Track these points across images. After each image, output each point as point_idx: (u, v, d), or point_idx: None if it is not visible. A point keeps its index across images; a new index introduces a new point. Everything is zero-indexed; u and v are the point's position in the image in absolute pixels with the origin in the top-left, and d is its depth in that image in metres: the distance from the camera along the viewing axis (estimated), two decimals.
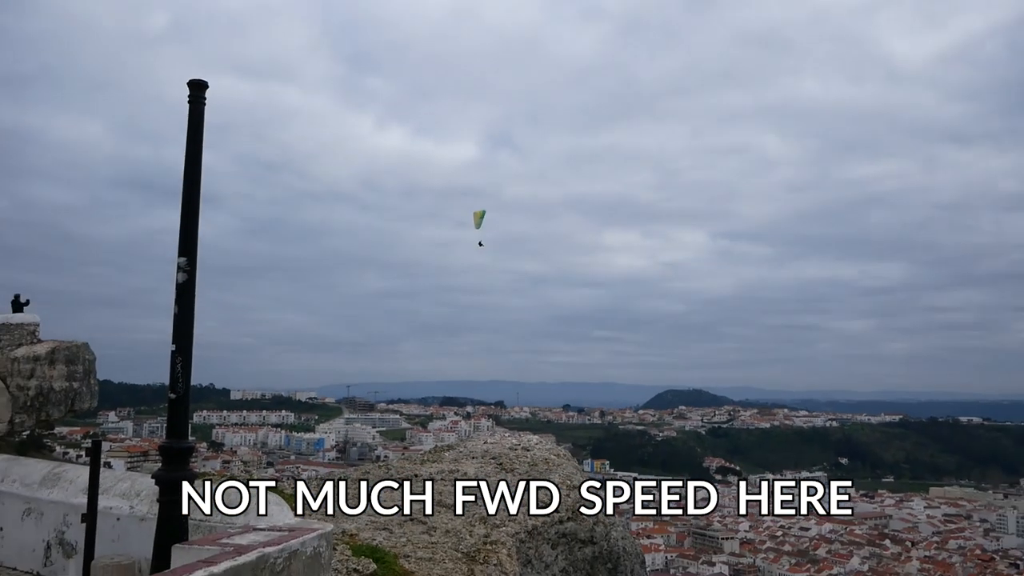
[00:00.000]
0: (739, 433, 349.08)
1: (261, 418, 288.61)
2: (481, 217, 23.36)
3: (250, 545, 4.40)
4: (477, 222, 23.37)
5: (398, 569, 7.19)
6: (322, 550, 4.75)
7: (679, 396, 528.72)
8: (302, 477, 15.71)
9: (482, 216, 23.39)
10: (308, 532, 4.85)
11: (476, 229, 23.61)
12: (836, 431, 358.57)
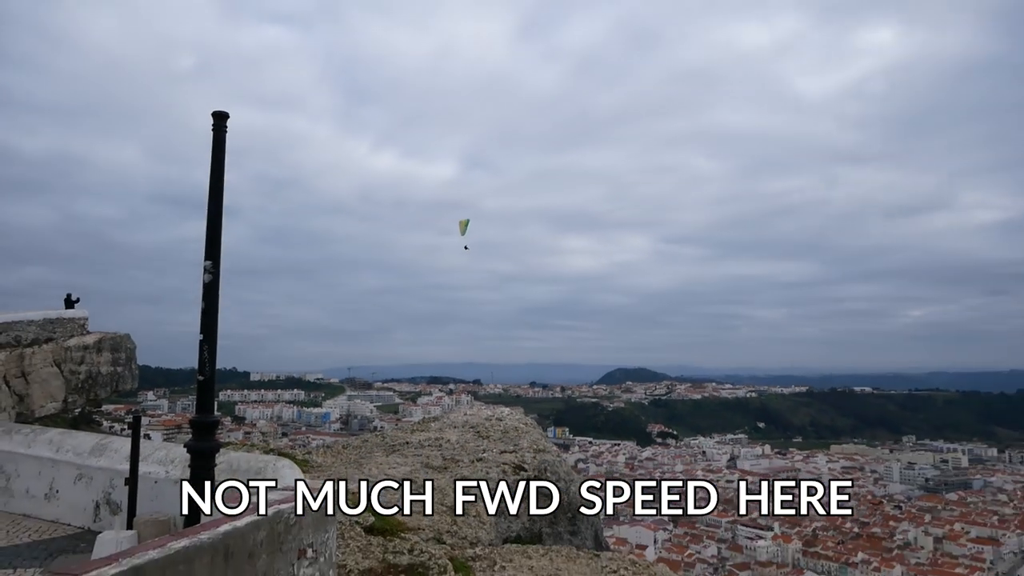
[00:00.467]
0: (676, 403, 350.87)
1: (276, 396, 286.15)
2: (466, 225, 23.13)
3: (268, 502, 4.36)
4: (462, 229, 23.12)
5: (393, 521, 7.17)
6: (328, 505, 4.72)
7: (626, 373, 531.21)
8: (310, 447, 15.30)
9: (466, 224, 23.16)
10: (316, 491, 4.81)
11: (461, 235, 23.34)
12: (755, 401, 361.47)
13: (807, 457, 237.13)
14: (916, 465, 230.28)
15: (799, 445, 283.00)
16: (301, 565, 4.33)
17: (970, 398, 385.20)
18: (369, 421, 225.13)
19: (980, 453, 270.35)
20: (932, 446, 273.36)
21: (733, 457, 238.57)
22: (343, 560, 6.06)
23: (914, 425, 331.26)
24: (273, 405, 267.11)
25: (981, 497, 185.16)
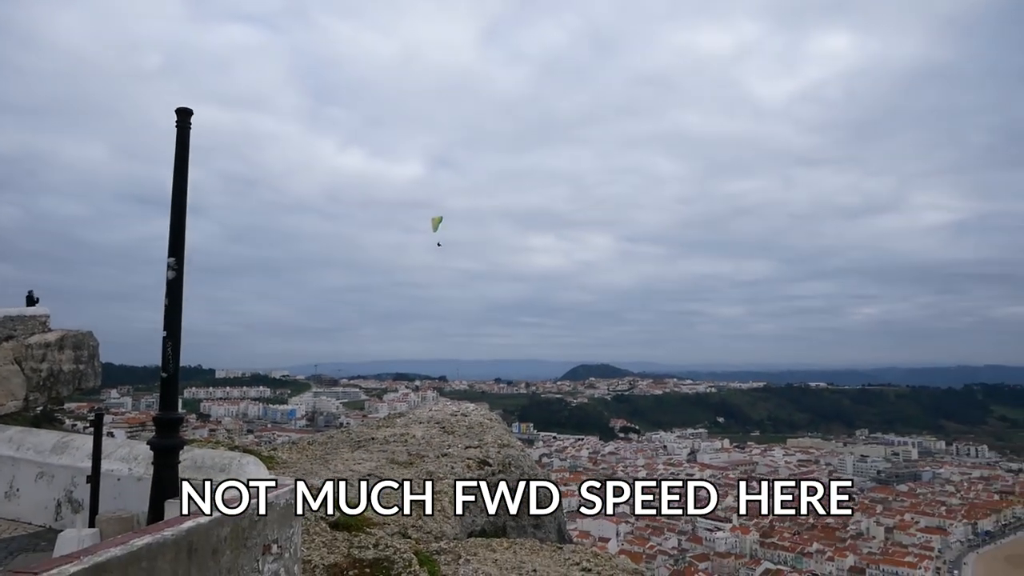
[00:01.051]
0: (638, 399, 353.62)
1: (242, 393, 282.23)
2: (438, 223, 22.91)
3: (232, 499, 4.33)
4: (434, 226, 22.87)
5: (359, 516, 7.14)
6: (294, 501, 4.68)
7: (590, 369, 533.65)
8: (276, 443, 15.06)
9: (439, 222, 22.95)
10: (281, 487, 4.78)
11: (433, 232, 23.07)
12: (714, 396, 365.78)
13: (765, 451, 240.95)
14: (868, 458, 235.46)
15: (757, 439, 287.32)
16: (266, 561, 4.30)
17: (920, 393, 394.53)
18: (335, 418, 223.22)
19: (929, 446, 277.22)
20: (884, 439, 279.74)
21: (693, 451, 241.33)
22: (308, 555, 6.03)
23: (867, 419, 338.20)
24: (239, 402, 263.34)
25: (930, 488, 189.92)
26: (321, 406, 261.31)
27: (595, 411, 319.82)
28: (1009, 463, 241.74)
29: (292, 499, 4.85)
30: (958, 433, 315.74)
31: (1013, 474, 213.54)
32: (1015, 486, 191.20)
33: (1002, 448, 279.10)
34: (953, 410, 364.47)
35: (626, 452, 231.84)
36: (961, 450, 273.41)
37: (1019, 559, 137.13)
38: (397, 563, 5.95)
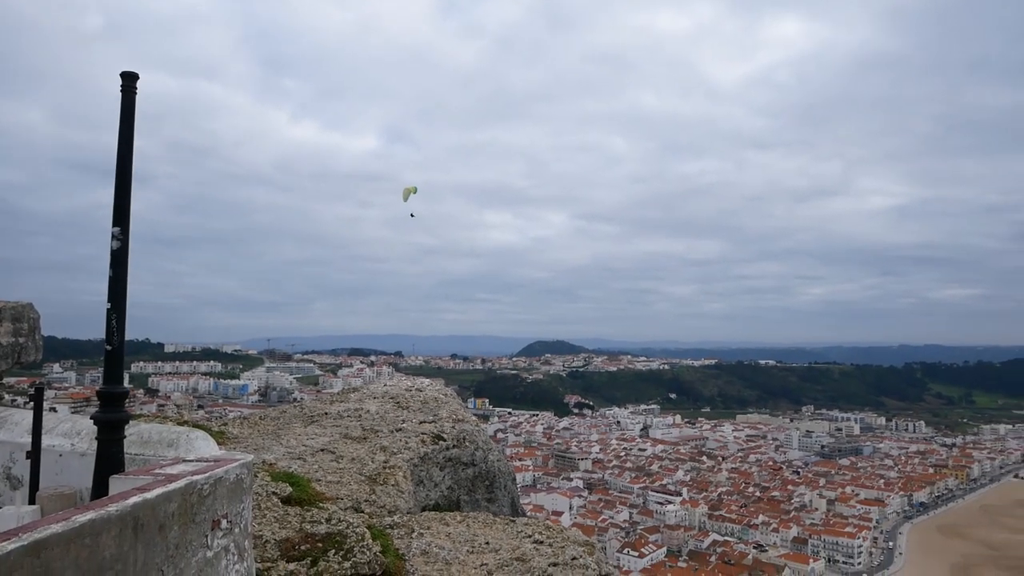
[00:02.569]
0: (593, 375, 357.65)
1: (192, 368, 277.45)
2: (410, 193, 22.30)
3: (180, 474, 4.22)
4: (405, 196, 22.30)
5: (311, 491, 7.08)
6: (244, 477, 4.61)
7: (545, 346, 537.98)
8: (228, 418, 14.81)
9: (411, 192, 22.35)
10: (231, 462, 4.70)
11: (404, 202, 22.45)
12: (667, 372, 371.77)
13: (714, 426, 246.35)
14: (813, 433, 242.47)
15: (708, 415, 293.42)
16: (215, 536, 4.22)
17: (863, 371, 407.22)
18: (289, 393, 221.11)
19: (870, 422, 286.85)
20: (828, 415, 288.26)
21: (646, 427, 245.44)
22: (259, 530, 5.95)
23: (813, 396, 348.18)
24: (189, 377, 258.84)
25: (870, 462, 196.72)
26: (274, 381, 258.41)
27: (550, 387, 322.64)
28: (944, 438, 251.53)
29: (242, 474, 4.77)
30: (898, 409, 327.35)
31: (947, 448, 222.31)
32: (949, 460, 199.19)
33: (938, 424, 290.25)
34: (893, 387, 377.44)
35: (580, 428, 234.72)
36: (900, 426, 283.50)
37: (950, 529, 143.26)
38: (350, 537, 5.92)
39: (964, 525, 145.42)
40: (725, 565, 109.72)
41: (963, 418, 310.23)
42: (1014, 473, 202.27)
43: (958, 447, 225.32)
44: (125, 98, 5.52)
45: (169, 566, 3.79)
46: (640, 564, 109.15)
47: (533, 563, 6.18)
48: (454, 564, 6.19)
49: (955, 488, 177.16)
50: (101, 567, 3.24)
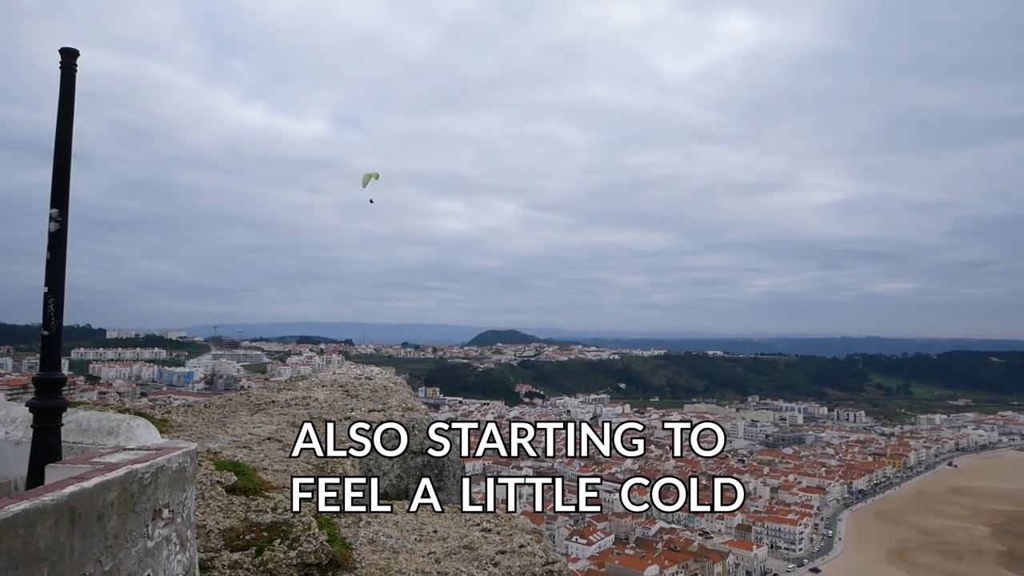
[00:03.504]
0: (544, 364, 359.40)
1: (135, 354, 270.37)
2: (369, 179, 21.93)
3: (119, 463, 4.14)
4: (364, 182, 21.91)
5: (257, 480, 7.00)
6: (187, 465, 4.54)
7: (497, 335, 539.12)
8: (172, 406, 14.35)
9: (370, 178, 21.98)
10: (174, 450, 4.62)
11: (363, 188, 22.05)
12: (617, 362, 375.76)
13: (663, 416, 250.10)
14: (758, 423, 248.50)
15: (656, 404, 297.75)
16: (156, 526, 4.15)
17: (807, 362, 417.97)
18: (236, 381, 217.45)
19: (813, 412, 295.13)
20: (773, 405, 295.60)
21: (596, 416, 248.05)
22: (203, 520, 5.87)
23: (758, 386, 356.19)
24: (132, 364, 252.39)
25: (812, 451, 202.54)
26: (221, 368, 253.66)
27: (501, 376, 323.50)
28: (883, 428, 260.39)
29: (185, 463, 4.69)
30: (839, 400, 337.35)
31: (886, 437, 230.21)
32: (887, 448, 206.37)
33: (877, 414, 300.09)
34: (836, 378, 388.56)
35: (531, 416, 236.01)
36: (841, 416, 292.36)
37: (887, 515, 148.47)
38: (296, 526, 5.88)
39: (900, 511, 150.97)
40: (671, 552, 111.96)
41: (901, 408, 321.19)
42: (948, 461, 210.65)
43: (896, 436, 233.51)
44: (64, 76, 5.35)
45: (108, 556, 3.73)
46: (588, 552, 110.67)
47: (481, 551, 6.24)
48: (401, 553, 6.21)
49: (892, 476, 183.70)
50: (35, 558, 3.17)
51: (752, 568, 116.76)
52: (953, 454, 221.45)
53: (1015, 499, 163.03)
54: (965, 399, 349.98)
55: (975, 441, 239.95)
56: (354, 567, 5.94)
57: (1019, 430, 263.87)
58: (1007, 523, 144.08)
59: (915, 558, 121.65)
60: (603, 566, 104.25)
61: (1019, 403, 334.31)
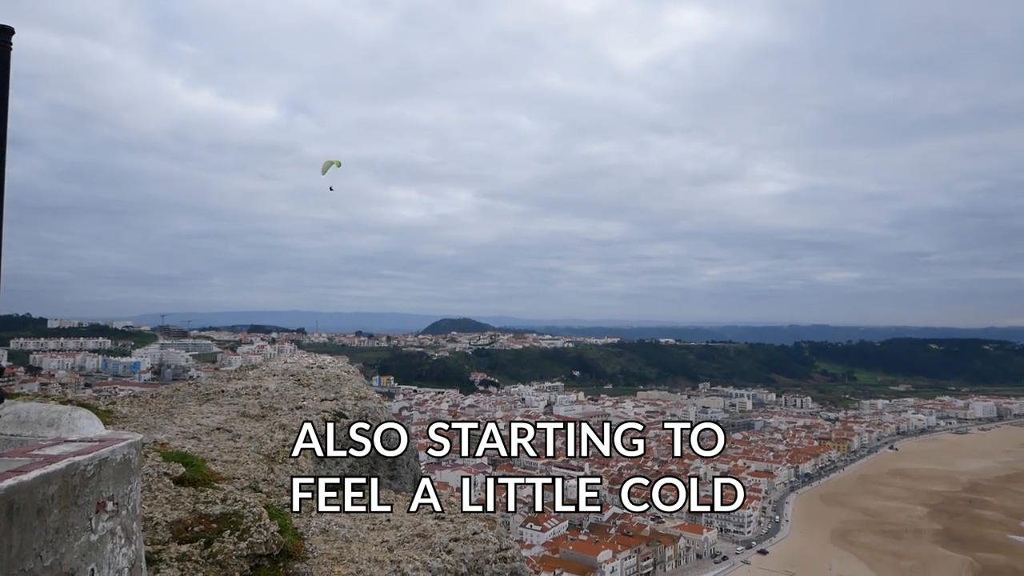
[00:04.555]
0: (498, 353, 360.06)
1: (79, 344, 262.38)
2: (328, 167, 21.58)
3: (60, 455, 4.01)
4: (324, 169, 21.56)
5: (205, 471, 6.88)
6: (132, 457, 4.42)
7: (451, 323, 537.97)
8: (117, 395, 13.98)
9: (329, 166, 21.62)
10: (118, 442, 4.49)
11: (322, 175, 21.71)
12: (571, 350, 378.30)
13: (617, 403, 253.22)
14: (709, 409, 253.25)
15: (610, 392, 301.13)
16: (100, 519, 4.04)
17: (756, 349, 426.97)
18: (184, 371, 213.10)
19: (762, 398, 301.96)
20: (723, 392, 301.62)
21: (550, 404, 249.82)
22: (149, 513, 5.75)
23: (709, 373, 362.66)
24: (75, 354, 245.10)
25: (761, 436, 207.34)
26: (168, 358, 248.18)
27: (456, 364, 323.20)
28: (828, 413, 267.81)
29: (130, 454, 4.58)
30: (787, 386, 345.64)
31: (831, 423, 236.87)
32: (832, 433, 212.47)
33: (823, 400, 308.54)
34: (784, 365, 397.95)
35: (485, 405, 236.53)
36: (789, 401, 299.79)
37: (831, 497, 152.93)
38: (246, 517, 5.80)
39: (844, 494, 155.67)
40: (624, 537, 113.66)
41: (845, 394, 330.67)
42: (889, 445, 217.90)
43: (840, 421, 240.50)
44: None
45: (48, 551, 3.62)
46: (543, 538, 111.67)
47: (434, 539, 6.24)
48: (354, 542, 6.18)
49: (837, 459, 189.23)
50: None
51: (702, 551, 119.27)
52: (894, 438, 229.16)
53: (951, 480, 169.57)
54: (906, 385, 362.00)
55: (915, 425, 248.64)
56: (306, 557, 5.89)
57: (955, 414, 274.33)
58: (943, 503, 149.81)
59: (857, 538, 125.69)
60: (557, 552, 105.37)
61: (956, 388, 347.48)
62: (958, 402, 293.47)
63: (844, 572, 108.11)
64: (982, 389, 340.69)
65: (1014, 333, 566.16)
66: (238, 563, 5.39)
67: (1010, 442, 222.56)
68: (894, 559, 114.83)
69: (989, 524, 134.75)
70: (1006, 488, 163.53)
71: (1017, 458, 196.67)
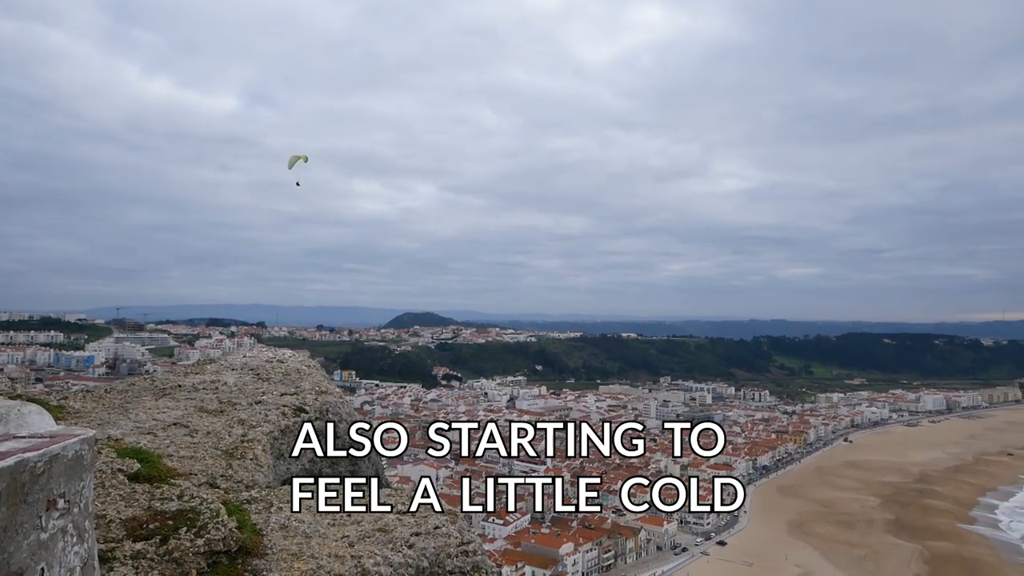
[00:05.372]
0: (461, 347, 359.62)
1: (29, 338, 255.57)
2: (295, 162, 21.31)
3: (8, 451, 3.90)
4: (290, 164, 21.29)
5: (161, 467, 6.74)
6: (84, 453, 4.31)
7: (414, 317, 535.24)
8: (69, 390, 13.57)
9: (296, 161, 21.34)
10: (70, 437, 4.37)
11: (289, 170, 21.45)
12: (534, 344, 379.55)
13: (579, 397, 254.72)
14: (670, 403, 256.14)
15: (572, 386, 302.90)
16: (51, 517, 3.94)
17: (716, 344, 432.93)
18: (140, 365, 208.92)
19: (722, 391, 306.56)
20: (684, 386, 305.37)
21: (512, 398, 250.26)
22: (103, 510, 5.62)
23: (670, 367, 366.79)
24: (25, 348, 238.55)
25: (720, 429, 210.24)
26: (124, 352, 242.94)
27: (418, 359, 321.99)
28: (785, 406, 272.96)
29: (83, 450, 4.46)
30: (746, 380, 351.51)
31: (788, 416, 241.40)
32: (789, 426, 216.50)
33: (781, 393, 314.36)
34: (743, 359, 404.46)
35: (448, 399, 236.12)
36: (748, 395, 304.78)
37: (788, 489, 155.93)
38: (203, 514, 5.69)
39: (800, 485, 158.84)
40: (586, 530, 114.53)
41: (802, 388, 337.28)
42: (844, 437, 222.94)
43: (797, 414, 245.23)
44: None
45: None
46: (505, 532, 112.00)
47: (395, 533, 6.21)
48: (314, 537, 6.12)
49: (794, 452, 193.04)
50: None
51: (663, 543, 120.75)
52: (849, 430, 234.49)
53: (903, 471, 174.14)
54: (860, 378, 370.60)
55: (868, 418, 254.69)
56: (265, 553, 5.81)
57: (907, 407, 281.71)
58: (895, 494, 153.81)
59: (813, 528, 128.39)
60: (519, 545, 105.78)
61: (908, 382, 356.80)
62: (910, 395, 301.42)
63: (800, 561, 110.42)
64: (932, 382, 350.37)
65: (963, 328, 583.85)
66: (195, 560, 5.30)
67: (958, 434, 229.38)
68: (848, 548, 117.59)
69: (938, 513, 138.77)
70: (954, 478, 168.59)
71: (965, 449, 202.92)
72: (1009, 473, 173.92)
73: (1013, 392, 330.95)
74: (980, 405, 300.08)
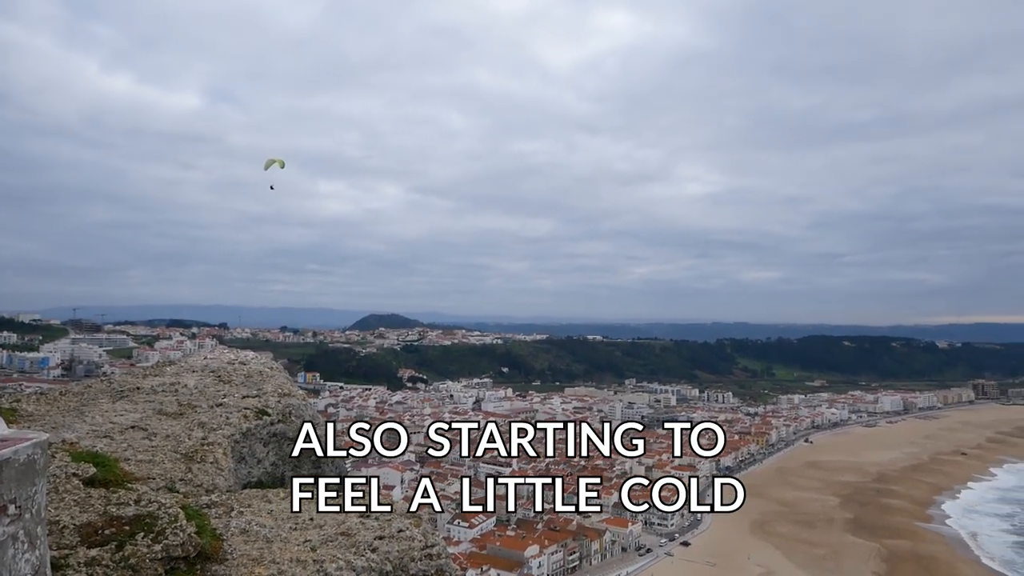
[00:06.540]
0: (427, 349, 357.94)
1: None
2: (271, 164, 21.06)
3: None
4: (267, 166, 21.04)
5: (118, 471, 6.59)
6: (36, 457, 4.21)
7: (380, 319, 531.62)
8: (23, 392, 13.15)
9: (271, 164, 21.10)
10: (21, 441, 4.27)
11: (264, 170, 21.21)
12: (500, 347, 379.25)
13: (544, 399, 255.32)
14: (635, 404, 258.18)
15: (538, 388, 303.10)
16: (1, 524, 3.85)
17: (680, 346, 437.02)
18: (98, 367, 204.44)
19: (686, 393, 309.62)
20: (648, 388, 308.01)
21: (478, 400, 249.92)
22: (56, 516, 5.48)
23: (635, 369, 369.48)
24: None
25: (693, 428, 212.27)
26: (80, 354, 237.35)
27: (384, 361, 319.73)
28: (748, 408, 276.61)
29: (35, 454, 4.36)
30: (710, 382, 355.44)
31: (751, 417, 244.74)
32: (751, 427, 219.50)
33: (743, 395, 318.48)
34: (706, 362, 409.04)
35: (413, 401, 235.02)
36: (711, 397, 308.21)
37: (750, 489, 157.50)
38: (162, 519, 5.58)
39: (762, 486, 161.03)
40: (551, 531, 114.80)
41: (764, 389, 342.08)
42: (805, 438, 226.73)
43: (760, 416, 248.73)
44: None
45: None
46: (470, 534, 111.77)
47: (359, 537, 6.15)
48: (276, 542, 6.03)
49: (756, 452, 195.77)
50: None
51: (627, 544, 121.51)
52: (809, 431, 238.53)
53: (861, 471, 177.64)
54: (820, 380, 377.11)
55: (828, 419, 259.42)
56: (225, 559, 5.72)
57: (866, 408, 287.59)
58: (854, 493, 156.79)
59: (774, 528, 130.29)
60: (484, 548, 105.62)
61: (866, 383, 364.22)
62: (868, 396, 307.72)
63: (762, 561, 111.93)
64: (890, 384, 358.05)
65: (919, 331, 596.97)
66: (152, 566, 5.19)
67: (915, 434, 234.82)
68: (808, 547, 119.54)
69: (895, 512, 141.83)
70: (911, 478, 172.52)
71: (921, 449, 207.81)
72: (963, 472, 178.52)
73: (967, 393, 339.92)
74: (935, 406, 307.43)
